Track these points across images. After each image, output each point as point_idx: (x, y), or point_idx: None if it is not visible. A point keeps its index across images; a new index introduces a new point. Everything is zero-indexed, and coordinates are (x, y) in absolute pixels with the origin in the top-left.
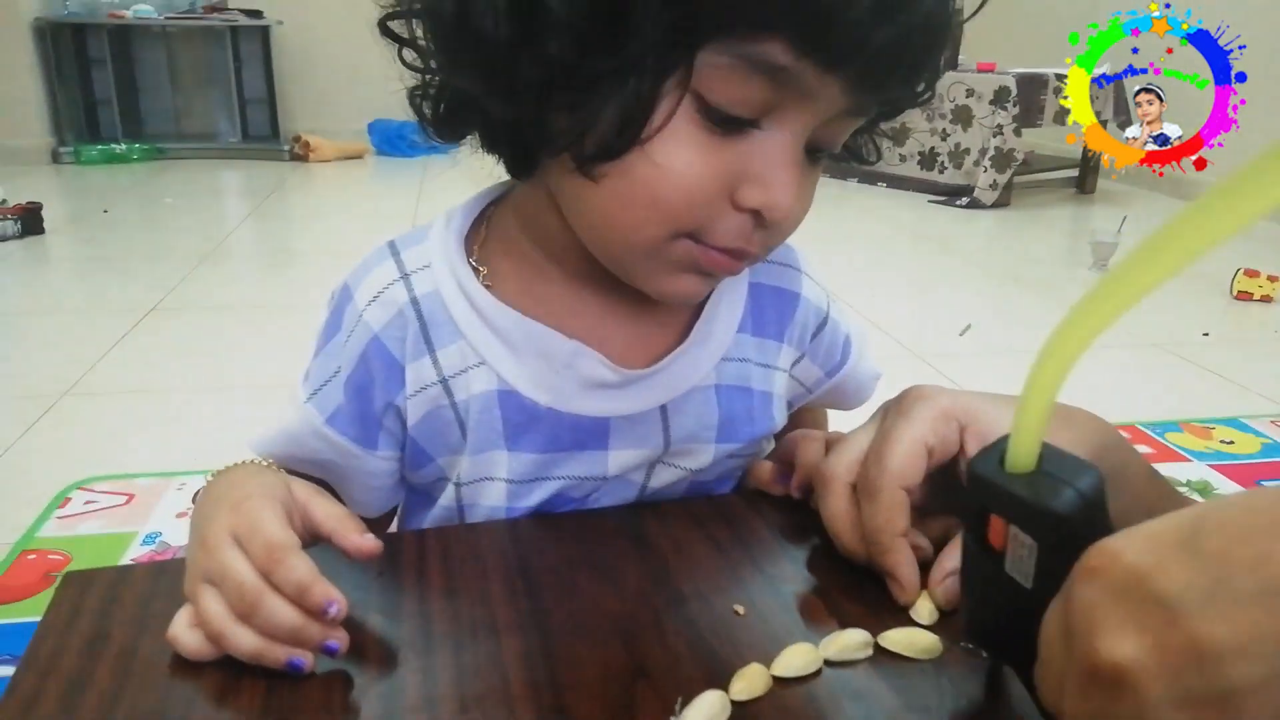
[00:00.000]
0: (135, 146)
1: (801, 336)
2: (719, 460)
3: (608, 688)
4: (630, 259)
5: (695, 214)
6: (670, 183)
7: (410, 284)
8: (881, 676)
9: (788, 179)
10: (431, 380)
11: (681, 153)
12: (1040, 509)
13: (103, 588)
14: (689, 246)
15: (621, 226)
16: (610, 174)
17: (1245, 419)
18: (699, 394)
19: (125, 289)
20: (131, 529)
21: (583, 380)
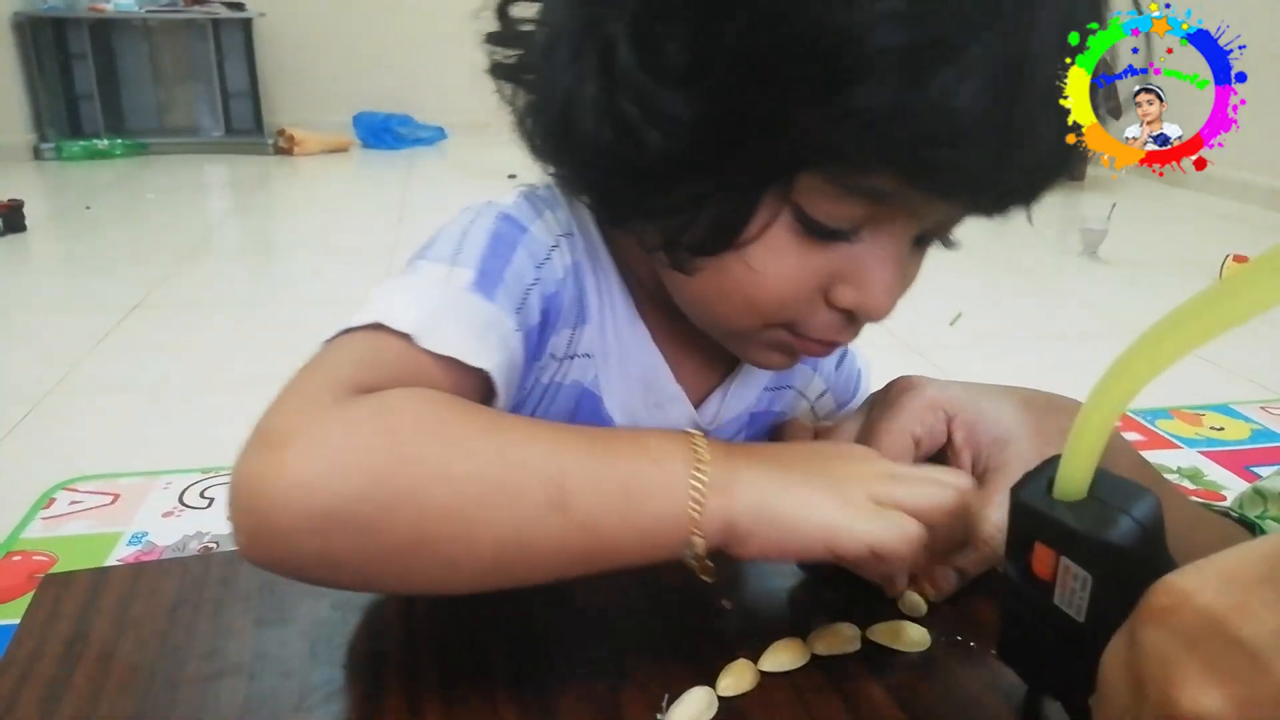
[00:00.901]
0: (117, 142)
1: (828, 367)
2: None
3: (593, 686)
4: (724, 337)
5: (787, 310)
6: (764, 286)
7: (564, 248)
8: (870, 669)
9: (886, 282)
10: (562, 353)
11: (776, 259)
12: (1096, 541)
13: (82, 590)
14: (782, 335)
15: (715, 314)
16: (705, 269)
17: (1235, 405)
18: (734, 421)
19: (108, 286)
20: (117, 529)
21: (664, 424)
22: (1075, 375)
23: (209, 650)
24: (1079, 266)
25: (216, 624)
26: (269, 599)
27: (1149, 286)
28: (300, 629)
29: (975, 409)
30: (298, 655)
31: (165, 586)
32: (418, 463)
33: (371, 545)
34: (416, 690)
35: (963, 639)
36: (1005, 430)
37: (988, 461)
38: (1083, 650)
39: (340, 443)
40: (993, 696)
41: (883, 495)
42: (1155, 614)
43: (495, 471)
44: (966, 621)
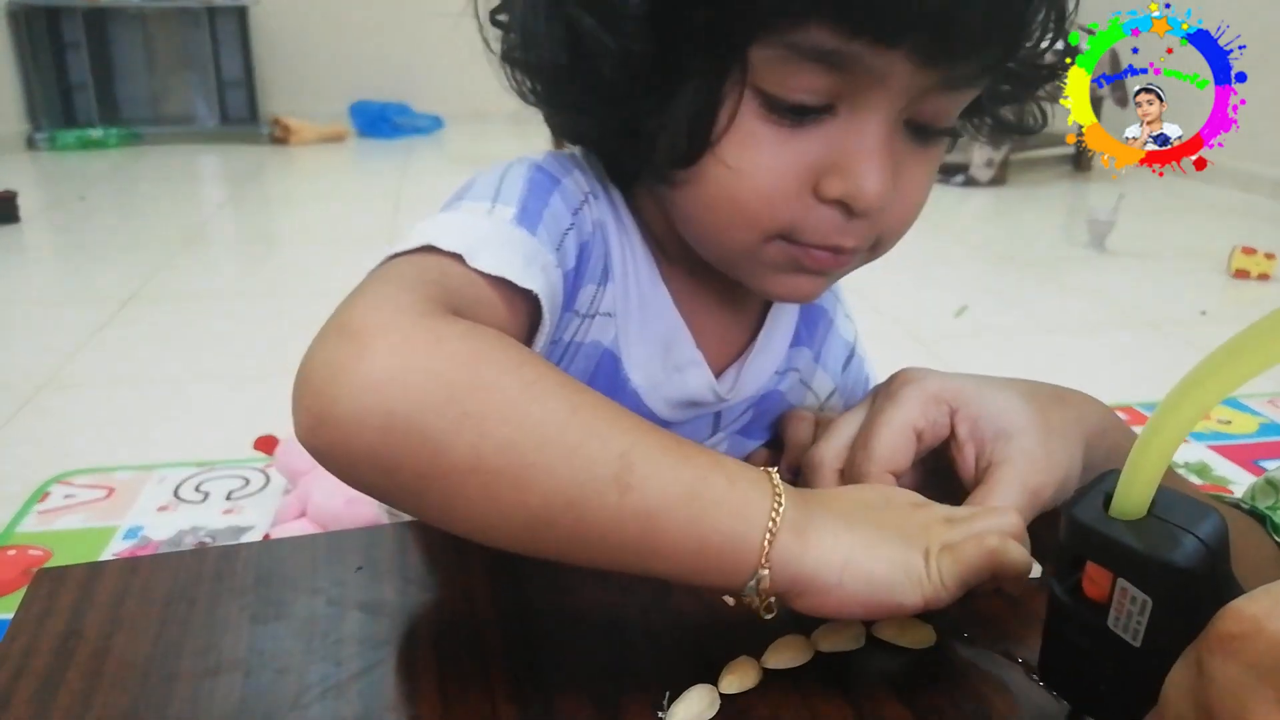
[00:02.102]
0: (112, 131)
1: (835, 367)
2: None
3: (594, 684)
4: (729, 261)
5: (777, 213)
6: (745, 183)
7: (594, 206)
8: (874, 666)
9: (871, 164)
10: (586, 309)
11: (751, 152)
12: (1159, 562)
13: (76, 585)
14: (784, 247)
15: (710, 231)
16: (689, 181)
17: (1243, 398)
18: (745, 401)
19: (103, 277)
20: (112, 523)
21: (683, 389)
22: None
23: (204, 646)
24: (1085, 258)
25: (212, 620)
26: (265, 595)
27: (1156, 278)
28: (296, 625)
29: (979, 402)
30: (294, 652)
31: (160, 582)
32: (495, 390)
33: (425, 458)
34: (414, 687)
35: (968, 636)
36: (1010, 424)
37: (991, 455)
38: (1137, 676)
39: (425, 349)
40: (999, 693)
41: (946, 543)
42: (1225, 642)
43: (566, 425)
44: (972, 618)
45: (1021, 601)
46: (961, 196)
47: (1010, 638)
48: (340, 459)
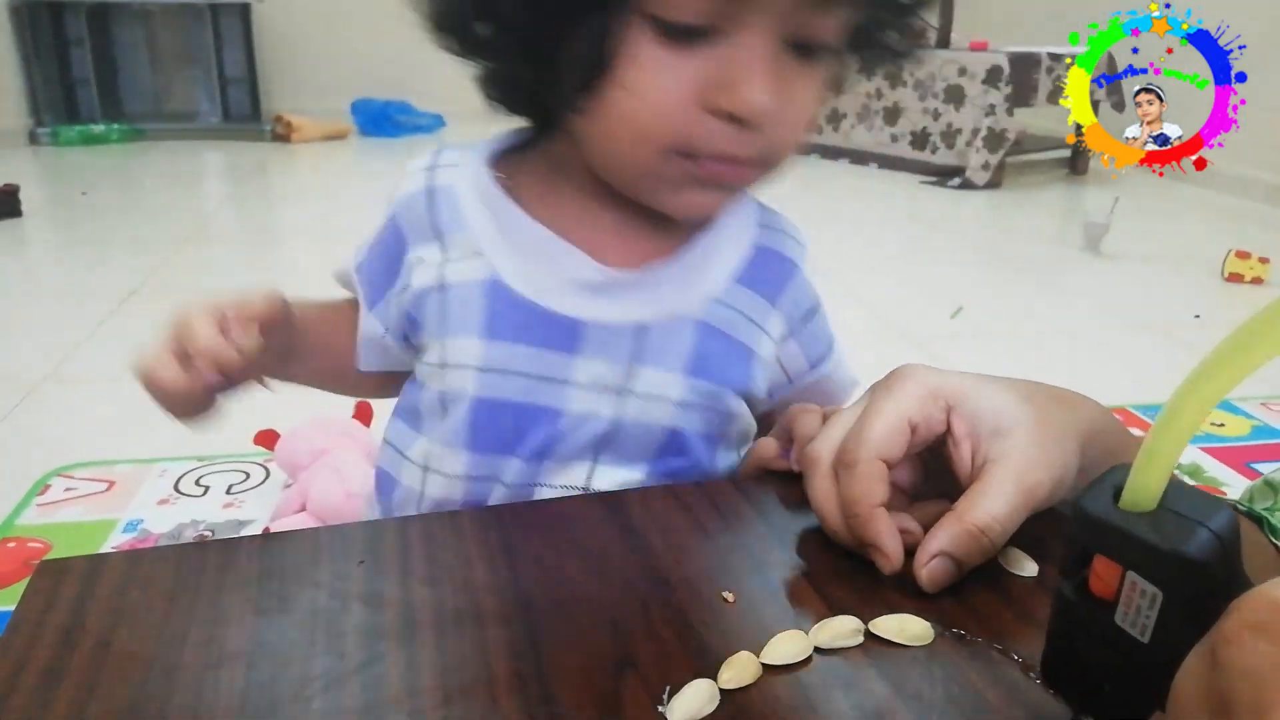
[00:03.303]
0: (114, 127)
1: (792, 313)
2: (694, 404)
3: (594, 677)
4: (634, 181)
5: (674, 128)
6: (643, 104)
7: (434, 174)
8: (872, 663)
9: (756, 78)
10: (436, 263)
11: (648, 75)
12: (1170, 554)
13: (77, 577)
14: (681, 162)
15: (615, 153)
16: (596, 108)
17: (1236, 401)
18: (680, 324)
19: (105, 273)
20: (112, 516)
21: (568, 279)
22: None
23: (206, 638)
24: (1081, 261)
25: (214, 612)
26: (267, 587)
27: (1151, 281)
28: (299, 618)
29: (976, 399)
30: (296, 644)
31: (162, 574)
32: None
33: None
34: (416, 680)
35: (966, 633)
36: (1006, 422)
37: (987, 453)
38: (1144, 673)
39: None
40: (996, 691)
41: None
42: (1249, 629)
43: None
44: (970, 615)
45: (1019, 599)
46: (957, 199)
47: (1007, 635)
48: None
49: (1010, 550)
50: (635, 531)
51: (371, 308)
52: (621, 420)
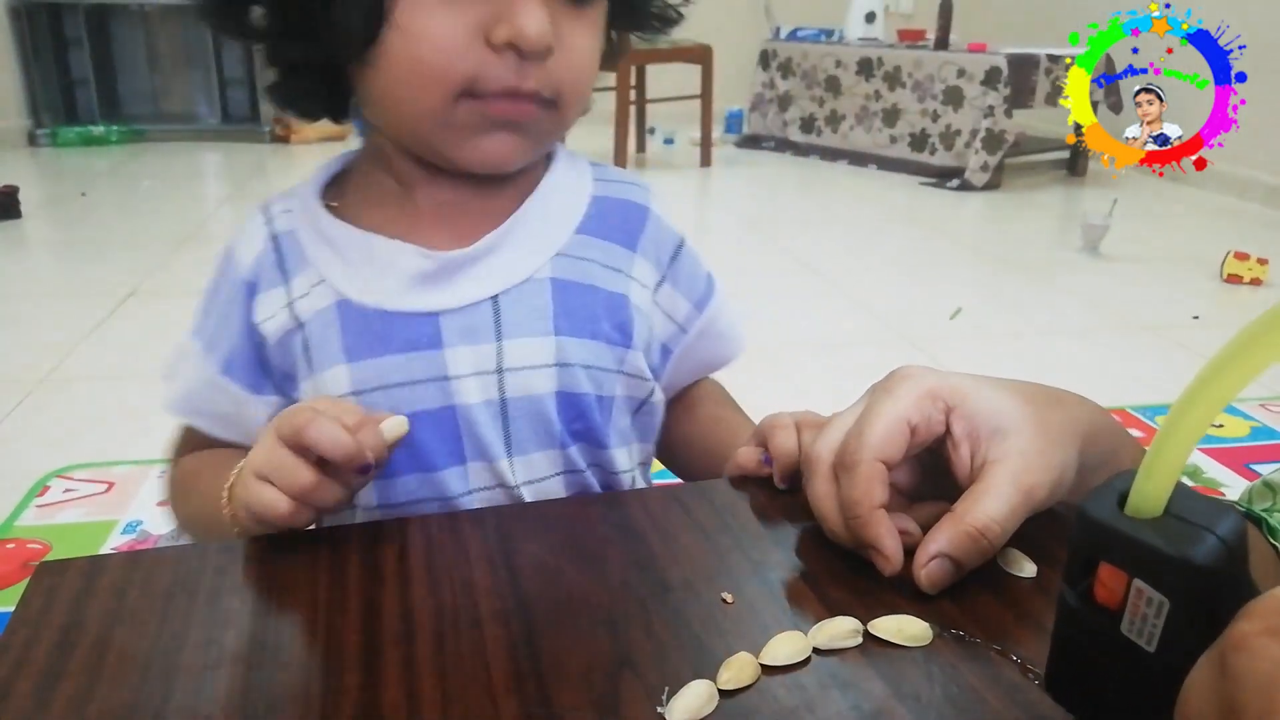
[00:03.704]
0: (113, 128)
1: (659, 256)
2: (571, 364)
3: (593, 678)
4: (428, 134)
5: (457, 67)
6: (424, 44)
7: (273, 224)
8: (871, 664)
9: (528, 8)
10: (282, 304)
11: (424, 14)
12: (1177, 560)
13: (77, 578)
14: (471, 104)
15: (404, 103)
16: (380, 57)
17: (1234, 402)
18: (533, 285)
19: (104, 273)
20: (112, 517)
21: (405, 276)
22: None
23: (205, 639)
24: (1080, 262)
25: (213, 613)
26: (266, 589)
27: (1149, 282)
28: (298, 619)
29: (975, 401)
30: (295, 646)
31: (161, 575)
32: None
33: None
34: (415, 681)
35: (965, 634)
36: (1005, 423)
37: (986, 454)
38: (1151, 684)
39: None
40: (995, 692)
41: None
42: (1255, 636)
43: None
44: (968, 617)
45: (1018, 600)
46: (957, 200)
47: (1006, 636)
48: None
49: (1009, 551)
50: (634, 532)
51: (260, 393)
52: (509, 400)
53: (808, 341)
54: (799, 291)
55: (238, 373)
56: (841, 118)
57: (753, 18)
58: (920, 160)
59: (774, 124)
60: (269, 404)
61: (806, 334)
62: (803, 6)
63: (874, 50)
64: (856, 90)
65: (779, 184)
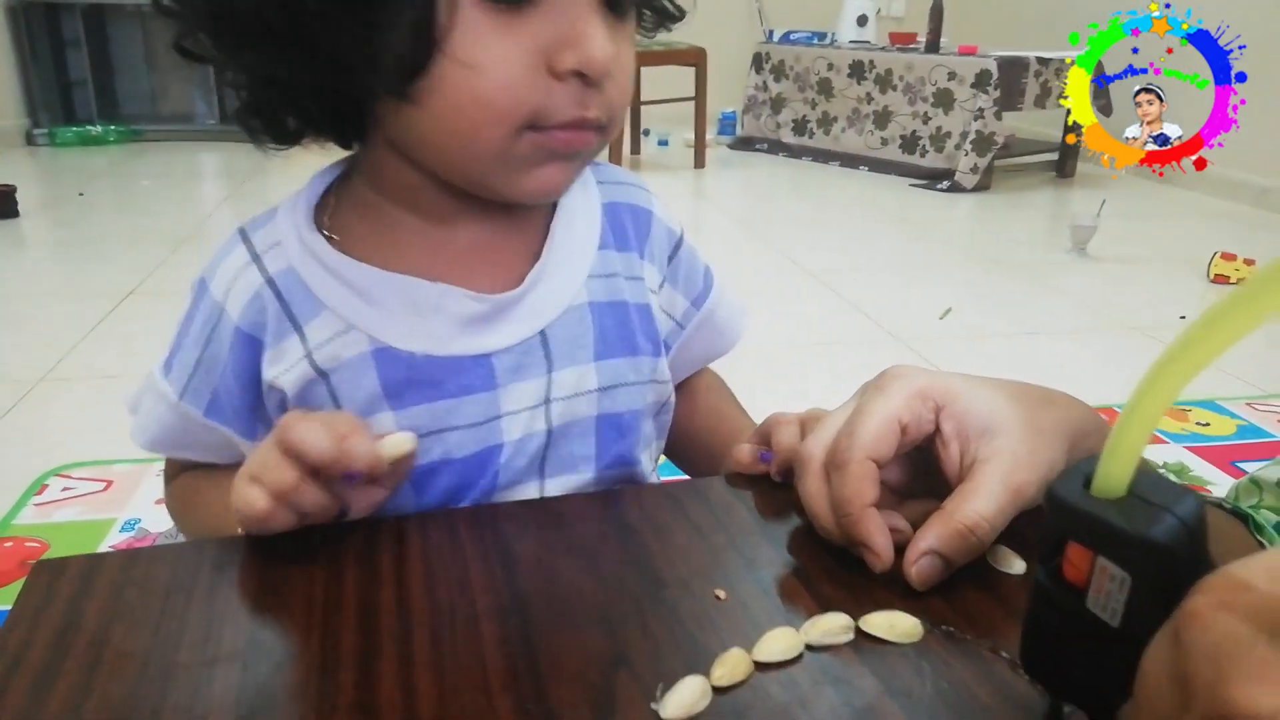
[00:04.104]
0: (111, 128)
1: (660, 257)
2: (612, 385)
3: (588, 674)
4: (483, 168)
5: (521, 99)
6: (485, 76)
7: (263, 265)
8: (862, 660)
9: (593, 30)
10: (299, 356)
11: (482, 44)
12: (1137, 538)
13: (74, 576)
14: (533, 137)
15: (462, 137)
16: (429, 91)
17: (1221, 401)
18: (574, 313)
19: (102, 273)
20: (110, 515)
21: (454, 320)
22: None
23: (202, 638)
24: (1068, 262)
25: (210, 611)
26: (263, 587)
27: (1137, 283)
28: (294, 617)
29: (965, 400)
30: (292, 644)
31: (158, 573)
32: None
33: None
34: (410, 680)
35: (955, 630)
36: (994, 422)
37: (975, 453)
38: (1115, 657)
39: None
40: (985, 687)
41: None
42: (1210, 608)
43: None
44: (959, 613)
45: (1008, 597)
46: (947, 201)
47: (996, 633)
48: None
49: (999, 548)
50: (629, 530)
51: (253, 438)
52: (555, 428)
53: (799, 341)
54: (791, 292)
55: (228, 418)
56: (833, 120)
57: (746, 21)
58: (911, 162)
59: (767, 126)
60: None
61: (798, 334)
62: (795, 9)
63: (865, 53)
64: (848, 93)
65: (772, 185)
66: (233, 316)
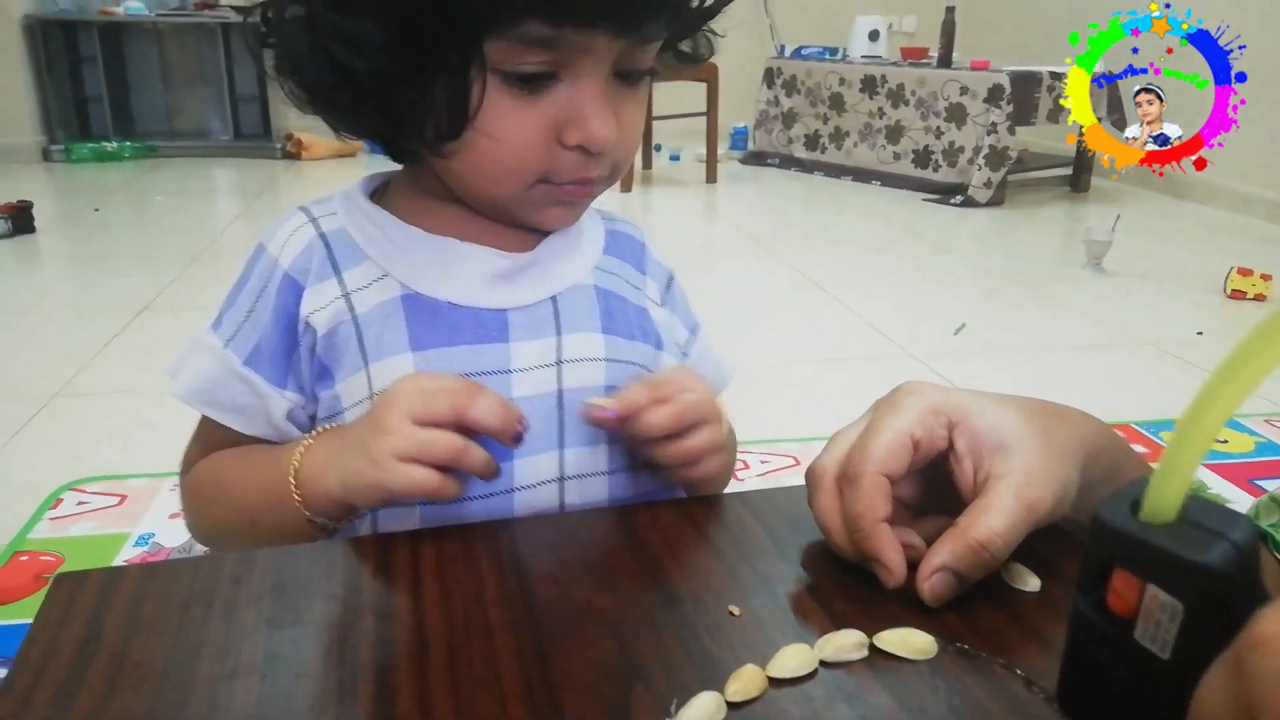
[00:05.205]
0: (126, 144)
1: (658, 281)
2: (617, 360)
3: (603, 689)
4: (502, 207)
5: (532, 165)
6: (504, 147)
7: (318, 225)
8: (876, 677)
9: (596, 114)
10: (335, 295)
11: (504, 120)
12: (1193, 565)
13: (95, 589)
14: (544, 188)
15: (483, 189)
16: (459, 152)
17: (1239, 418)
18: (581, 290)
19: (117, 288)
20: (124, 530)
21: (479, 273)
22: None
23: (221, 650)
24: (1083, 277)
25: (229, 624)
26: (281, 600)
27: (1153, 298)
28: (312, 630)
29: (979, 416)
30: (310, 656)
31: (177, 586)
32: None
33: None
34: (427, 692)
35: (970, 648)
36: (1008, 439)
37: (989, 469)
38: (1164, 691)
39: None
40: (999, 705)
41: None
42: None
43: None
44: (974, 630)
45: (1022, 614)
46: (960, 216)
47: (1011, 650)
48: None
49: (1013, 565)
50: (643, 546)
51: (284, 387)
52: (565, 391)
53: (811, 357)
54: (803, 307)
55: (263, 364)
56: (845, 135)
57: (757, 36)
58: (924, 177)
59: (778, 141)
60: (288, 399)
61: (810, 349)
62: (807, 25)
63: (877, 68)
64: (860, 107)
65: (783, 200)
66: (284, 265)
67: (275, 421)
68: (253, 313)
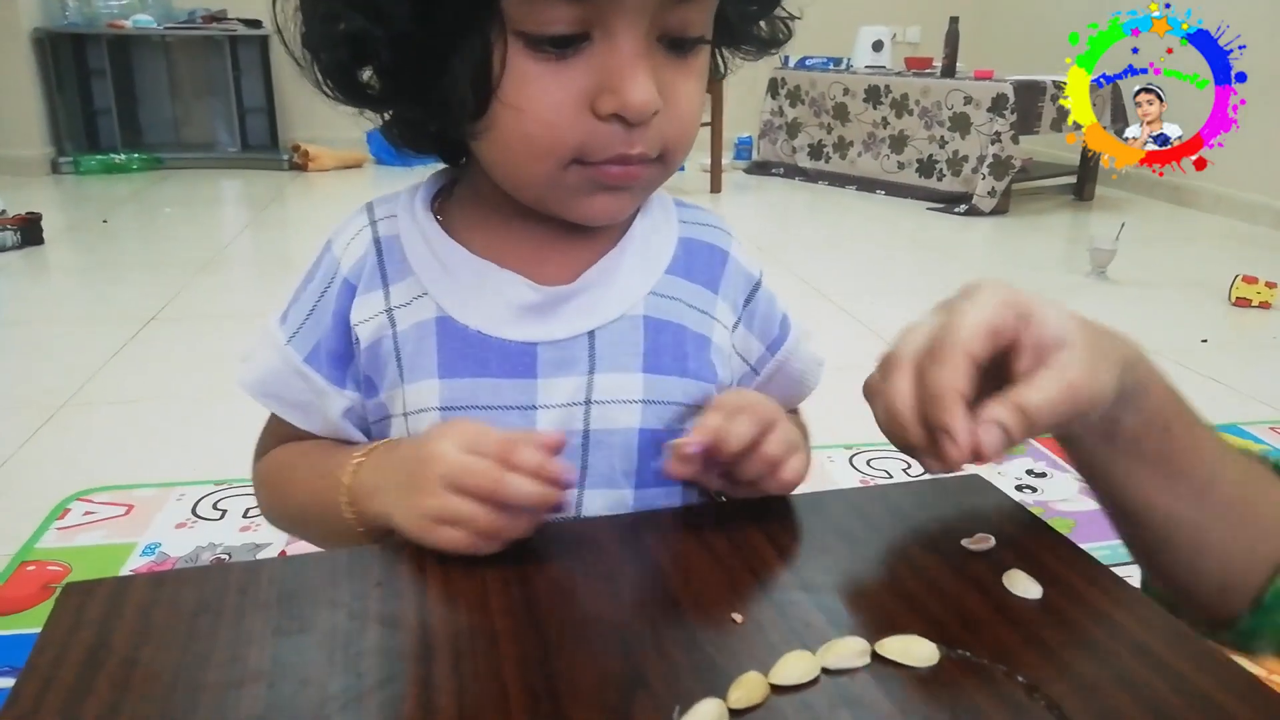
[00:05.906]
0: (134, 156)
1: (735, 298)
2: (657, 401)
3: (605, 696)
4: (538, 193)
5: (562, 138)
6: (532, 119)
7: (376, 228)
8: (878, 684)
9: (631, 77)
10: (380, 310)
11: (529, 88)
12: None
13: (103, 598)
14: (581, 170)
15: (515, 168)
16: (488, 129)
17: (1245, 425)
18: (627, 322)
19: (125, 299)
20: (131, 540)
21: (510, 305)
22: None
23: (229, 658)
24: (1088, 286)
25: (236, 632)
26: (288, 608)
27: (1158, 306)
28: (318, 638)
29: (1043, 313)
30: (316, 664)
31: (186, 595)
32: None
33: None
34: (431, 699)
35: (971, 655)
36: (1067, 336)
37: (1042, 360)
38: None
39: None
40: (1001, 712)
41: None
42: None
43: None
44: (974, 638)
45: (1023, 622)
46: (964, 225)
47: (1012, 657)
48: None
49: (1014, 573)
50: (645, 553)
51: (342, 386)
52: (592, 432)
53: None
54: (808, 315)
55: (322, 363)
56: (849, 144)
57: None
58: (928, 186)
59: (783, 151)
60: (347, 398)
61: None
62: (810, 35)
63: (881, 78)
64: (864, 117)
65: (788, 210)
66: (344, 270)
67: (332, 419)
68: (314, 311)
